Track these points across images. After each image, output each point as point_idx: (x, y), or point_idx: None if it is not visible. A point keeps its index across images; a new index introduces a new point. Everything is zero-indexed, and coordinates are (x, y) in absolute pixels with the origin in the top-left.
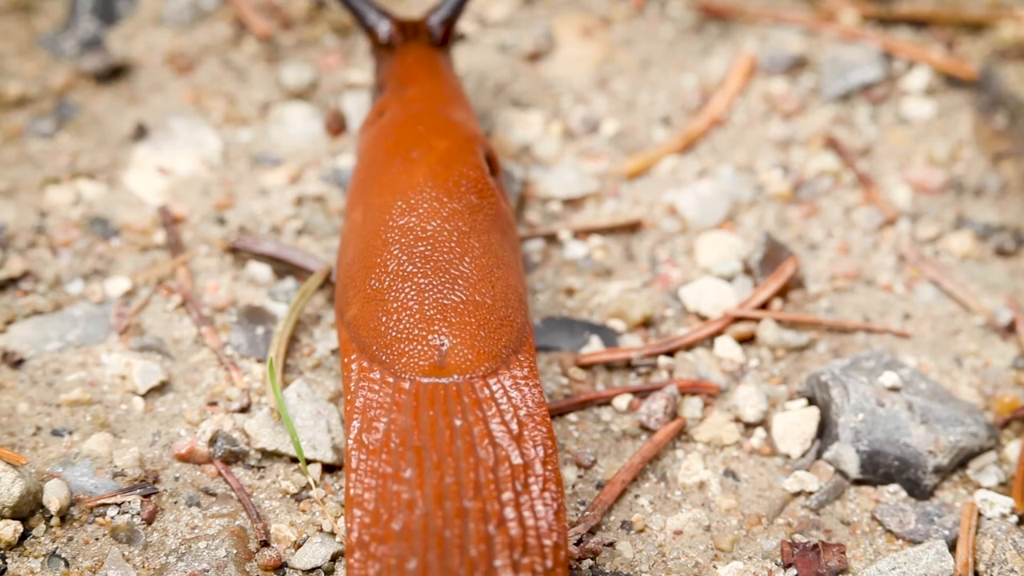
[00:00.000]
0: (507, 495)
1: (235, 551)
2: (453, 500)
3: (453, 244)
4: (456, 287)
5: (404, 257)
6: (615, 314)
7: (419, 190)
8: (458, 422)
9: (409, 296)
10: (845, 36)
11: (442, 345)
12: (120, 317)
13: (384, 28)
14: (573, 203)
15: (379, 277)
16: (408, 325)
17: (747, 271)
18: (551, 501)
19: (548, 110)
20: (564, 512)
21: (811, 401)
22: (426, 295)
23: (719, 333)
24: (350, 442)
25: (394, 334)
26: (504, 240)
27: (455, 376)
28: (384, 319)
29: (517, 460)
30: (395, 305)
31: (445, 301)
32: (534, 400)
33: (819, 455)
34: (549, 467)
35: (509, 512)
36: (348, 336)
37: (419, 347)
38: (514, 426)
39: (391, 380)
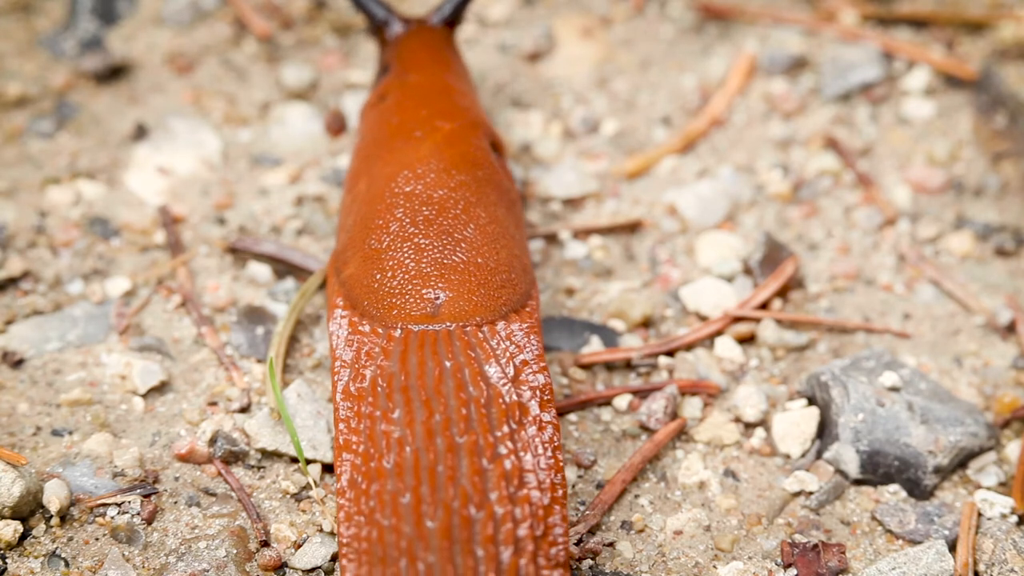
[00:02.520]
0: (501, 431)
1: (235, 551)
2: (444, 436)
3: (459, 211)
4: (458, 249)
5: (407, 220)
6: (615, 314)
7: (426, 162)
8: (448, 363)
9: (407, 255)
10: (845, 36)
11: (437, 299)
12: (120, 317)
13: (395, 28)
14: (573, 203)
15: (379, 237)
16: (403, 281)
17: (747, 271)
18: (548, 441)
19: (548, 110)
20: (561, 453)
21: (811, 401)
22: (425, 254)
23: (719, 333)
24: (338, 395)
25: (387, 289)
26: (510, 215)
27: (448, 323)
28: (379, 276)
29: (512, 399)
30: (391, 263)
31: (445, 261)
32: (533, 349)
33: (819, 455)
34: (547, 411)
35: (503, 448)
36: (342, 293)
37: (412, 300)
38: (510, 370)
39: (381, 331)
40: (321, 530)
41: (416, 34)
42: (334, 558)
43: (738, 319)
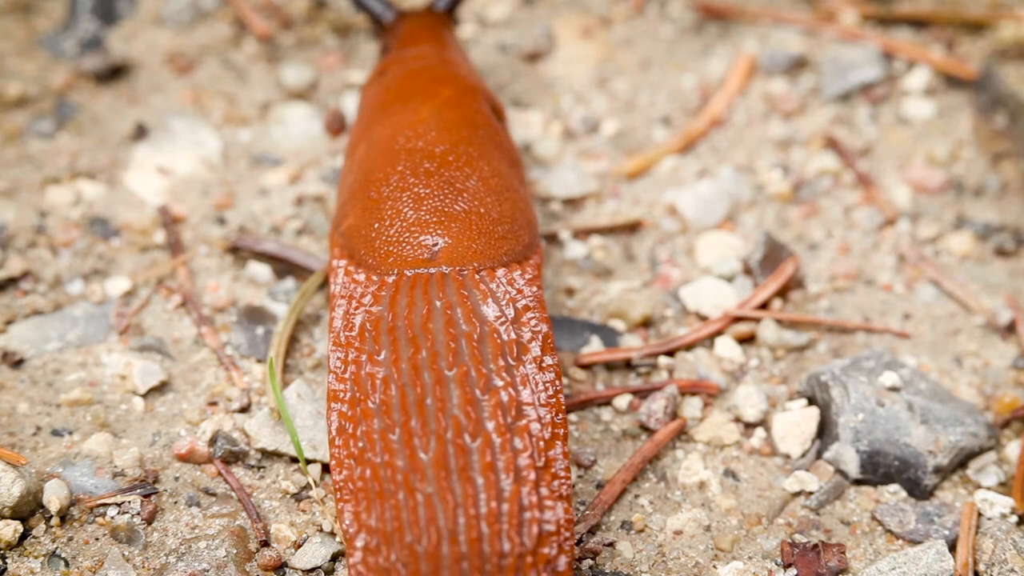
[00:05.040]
0: (495, 364)
1: (235, 551)
2: (432, 370)
3: (461, 163)
4: (460, 199)
5: (408, 172)
6: (615, 314)
7: (425, 122)
8: (438, 303)
9: (406, 204)
10: (845, 36)
11: (435, 245)
12: (120, 317)
13: (395, 15)
14: (573, 203)
15: (379, 189)
16: (400, 230)
17: (747, 271)
18: (550, 382)
19: (548, 110)
20: (563, 397)
21: (811, 401)
22: (425, 203)
23: (719, 333)
24: (330, 345)
25: (384, 238)
26: (513, 172)
27: (443, 267)
28: (377, 225)
29: (510, 337)
30: (390, 212)
31: (446, 209)
32: (536, 298)
33: (819, 455)
34: (549, 355)
35: (498, 380)
36: (340, 244)
37: (409, 247)
38: (510, 311)
39: (375, 278)
40: (321, 530)
41: (415, 17)
42: (334, 558)
43: (738, 319)
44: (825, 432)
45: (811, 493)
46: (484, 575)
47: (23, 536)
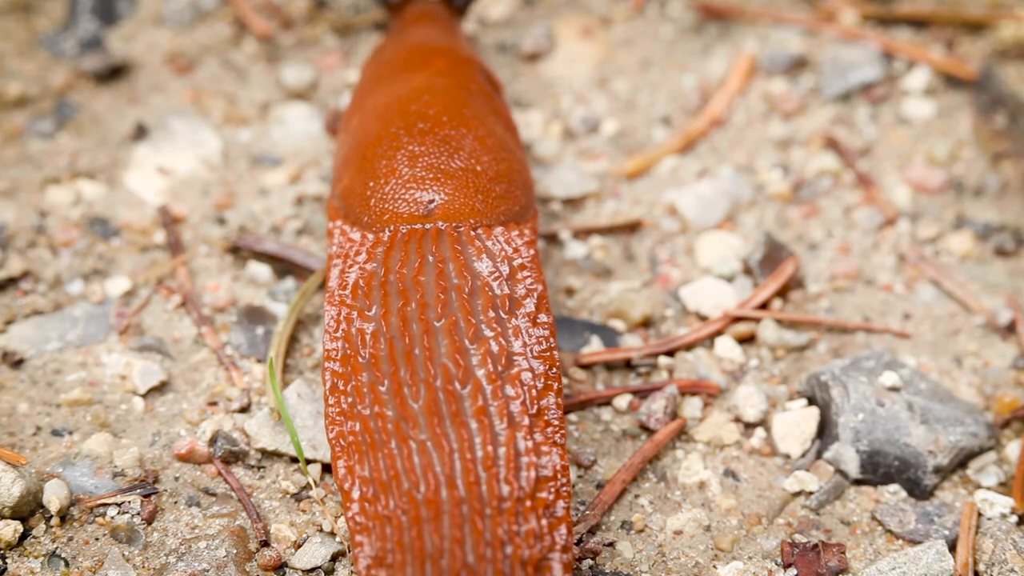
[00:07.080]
0: (485, 316)
1: (235, 551)
2: (420, 320)
3: (456, 123)
4: (456, 156)
5: (402, 132)
6: (615, 314)
7: (419, 89)
8: (431, 257)
9: (402, 162)
10: (845, 36)
11: (431, 201)
12: (120, 317)
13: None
14: (573, 203)
15: (373, 149)
16: (396, 186)
17: (747, 271)
18: (544, 338)
19: (548, 110)
20: (557, 353)
21: (811, 401)
22: (420, 160)
23: (719, 333)
24: (324, 305)
25: (380, 195)
26: (509, 135)
27: (439, 223)
28: (372, 184)
29: (503, 292)
30: (385, 171)
31: (442, 166)
32: (531, 258)
33: (819, 455)
34: (544, 313)
35: (488, 331)
36: (336, 207)
37: (405, 203)
38: (504, 268)
39: (371, 236)
40: (321, 530)
41: (421, 4)
42: (334, 558)
43: (738, 319)
44: (825, 432)
45: (811, 493)
46: (484, 519)
47: (23, 536)
